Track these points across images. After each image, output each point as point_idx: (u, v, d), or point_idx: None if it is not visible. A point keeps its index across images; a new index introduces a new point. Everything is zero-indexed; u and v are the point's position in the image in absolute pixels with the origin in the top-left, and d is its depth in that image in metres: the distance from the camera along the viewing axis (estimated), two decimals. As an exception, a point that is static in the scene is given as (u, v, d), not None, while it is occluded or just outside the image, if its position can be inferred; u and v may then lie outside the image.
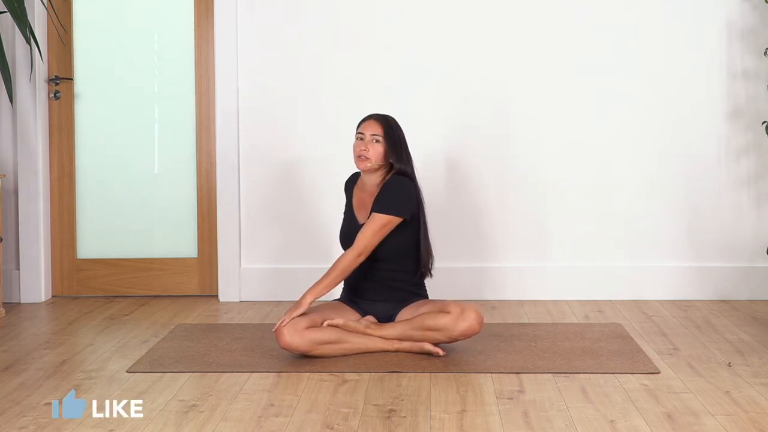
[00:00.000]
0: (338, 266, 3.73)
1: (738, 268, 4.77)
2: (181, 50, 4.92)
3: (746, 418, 2.92)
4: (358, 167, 3.84)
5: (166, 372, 3.48)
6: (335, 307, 3.80)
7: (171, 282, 4.96)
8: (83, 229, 4.98)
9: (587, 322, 4.28)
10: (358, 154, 3.80)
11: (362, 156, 3.79)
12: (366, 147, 3.79)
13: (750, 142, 4.75)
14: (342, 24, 4.80)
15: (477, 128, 4.78)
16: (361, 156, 3.79)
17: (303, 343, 3.57)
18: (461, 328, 3.61)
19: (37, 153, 4.84)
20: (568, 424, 2.89)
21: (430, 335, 3.65)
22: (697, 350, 3.75)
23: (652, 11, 4.74)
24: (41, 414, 3.01)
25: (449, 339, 3.64)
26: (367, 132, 3.81)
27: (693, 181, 4.77)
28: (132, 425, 2.91)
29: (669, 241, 4.79)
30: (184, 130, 4.93)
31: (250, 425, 2.90)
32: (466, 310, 3.63)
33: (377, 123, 3.82)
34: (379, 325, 3.73)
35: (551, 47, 4.76)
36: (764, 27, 4.70)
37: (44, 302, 4.85)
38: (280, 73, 4.82)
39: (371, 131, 3.80)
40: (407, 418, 2.96)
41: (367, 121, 3.85)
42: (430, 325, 3.63)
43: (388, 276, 3.82)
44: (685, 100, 4.75)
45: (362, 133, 3.81)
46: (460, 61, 4.77)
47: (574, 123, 4.78)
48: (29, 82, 4.77)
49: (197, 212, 4.93)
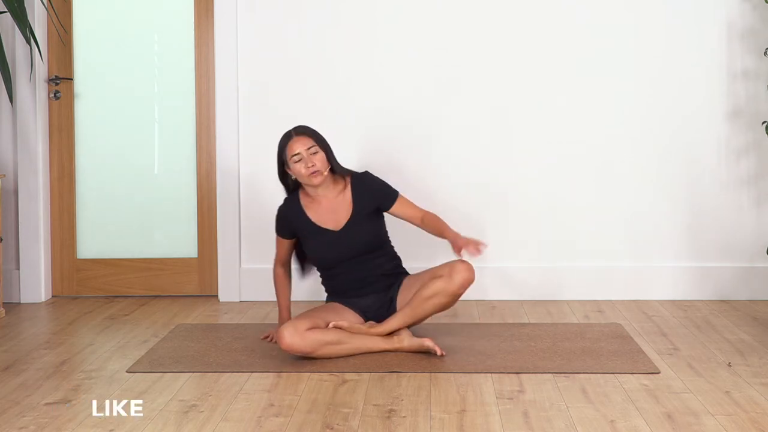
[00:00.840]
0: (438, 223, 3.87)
1: (738, 268, 4.77)
2: (181, 50, 4.92)
3: (746, 418, 2.92)
4: (313, 183, 3.80)
5: (166, 372, 3.48)
6: (334, 309, 3.81)
7: (171, 282, 4.96)
8: (83, 229, 4.98)
9: (587, 322, 4.28)
10: (308, 172, 3.77)
11: (314, 172, 3.77)
12: (312, 161, 3.77)
13: (750, 142, 4.75)
14: (342, 24, 4.80)
15: (477, 128, 4.78)
16: (313, 172, 3.77)
17: (305, 345, 3.57)
18: (457, 282, 3.68)
19: (37, 153, 4.84)
20: (568, 424, 2.89)
21: (434, 303, 3.71)
22: (697, 350, 3.75)
23: (652, 11, 4.74)
24: (41, 414, 3.02)
25: (452, 296, 3.71)
26: (301, 149, 3.78)
27: (693, 181, 4.77)
28: (132, 425, 2.91)
29: (669, 241, 4.79)
30: (184, 130, 4.93)
31: (250, 425, 2.90)
32: (454, 267, 3.70)
33: (305, 136, 3.82)
34: (381, 323, 3.74)
35: (551, 47, 4.75)
36: (764, 27, 4.70)
37: (44, 302, 4.85)
38: (280, 73, 4.82)
39: (305, 146, 3.79)
40: (407, 418, 2.96)
41: (293, 139, 3.81)
42: (429, 294, 3.69)
43: (378, 264, 3.89)
44: (685, 100, 4.75)
45: (298, 153, 3.78)
46: (460, 60, 4.76)
47: (573, 123, 4.78)
48: (29, 82, 4.77)
49: (197, 212, 4.93)
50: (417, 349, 3.69)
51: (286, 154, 3.82)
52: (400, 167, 4.71)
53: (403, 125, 4.79)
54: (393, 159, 4.75)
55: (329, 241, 3.85)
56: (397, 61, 4.79)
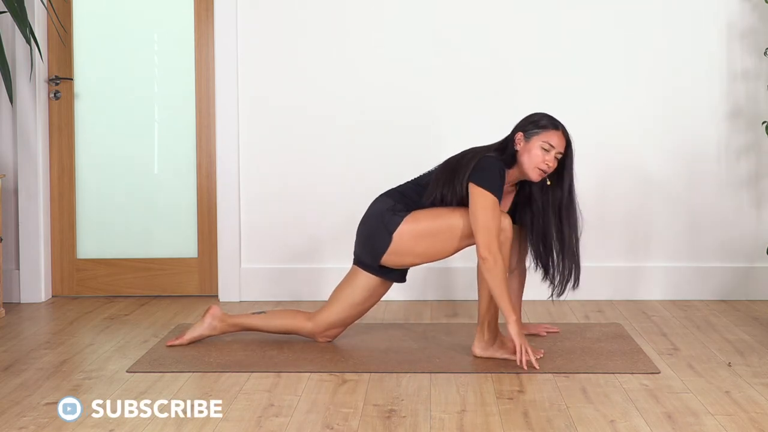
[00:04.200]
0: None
1: (738, 268, 4.77)
2: (181, 50, 4.92)
3: (746, 418, 2.92)
4: (533, 178, 3.55)
5: (166, 372, 3.48)
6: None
7: (171, 282, 4.96)
8: (83, 229, 4.98)
9: (587, 322, 4.28)
10: (543, 167, 3.53)
11: (544, 171, 3.54)
12: (553, 163, 3.53)
13: (750, 142, 4.75)
14: (343, 23, 4.79)
15: (476, 128, 4.77)
16: (544, 171, 3.54)
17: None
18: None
19: (37, 153, 4.84)
20: (568, 424, 2.89)
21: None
22: (697, 350, 3.75)
23: (651, 11, 4.74)
24: (41, 414, 3.01)
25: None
26: (557, 146, 3.54)
27: (693, 181, 4.77)
28: (132, 425, 2.91)
29: (669, 241, 4.79)
30: (185, 130, 4.93)
31: (250, 425, 2.90)
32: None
33: (565, 142, 3.58)
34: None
35: (550, 47, 4.75)
36: (764, 27, 4.70)
37: (44, 302, 4.85)
38: (280, 73, 4.82)
39: (560, 147, 3.55)
40: (407, 418, 2.96)
41: (559, 133, 3.57)
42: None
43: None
44: (685, 100, 4.75)
45: (550, 145, 3.54)
46: (460, 61, 4.76)
47: (573, 123, 4.76)
48: (29, 82, 4.77)
49: (197, 212, 4.93)
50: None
51: (542, 134, 3.56)
52: (401, 168, 4.70)
53: (403, 125, 4.79)
54: (394, 159, 4.75)
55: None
56: (397, 60, 4.78)
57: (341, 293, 3.79)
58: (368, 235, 3.68)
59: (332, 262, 4.80)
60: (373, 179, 4.64)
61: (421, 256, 3.63)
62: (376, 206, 3.71)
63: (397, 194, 3.72)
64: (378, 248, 3.64)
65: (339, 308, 3.77)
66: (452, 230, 3.56)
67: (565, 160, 3.62)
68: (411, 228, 3.59)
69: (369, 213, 3.73)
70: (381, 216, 3.65)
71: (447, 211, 3.60)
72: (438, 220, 3.58)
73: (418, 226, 3.59)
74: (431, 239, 3.58)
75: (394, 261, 3.66)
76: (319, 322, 3.79)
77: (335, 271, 4.55)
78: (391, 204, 3.67)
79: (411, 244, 3.60)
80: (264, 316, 3.87)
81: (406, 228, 3.59)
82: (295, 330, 3.84)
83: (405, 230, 3.59)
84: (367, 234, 3.69)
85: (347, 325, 3.83)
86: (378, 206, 3.70)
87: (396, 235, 3.60)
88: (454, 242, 3.59)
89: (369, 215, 3.72)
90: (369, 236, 3.68)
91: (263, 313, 3.89)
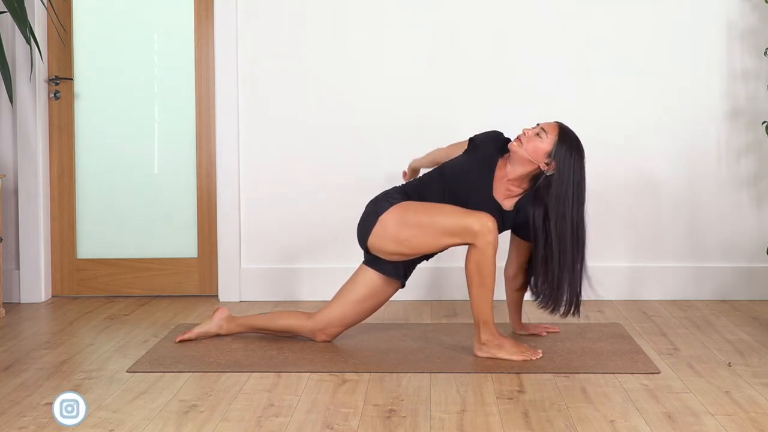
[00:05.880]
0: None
1: (738, 268, 4.77)
2: (181, 50, 4.92)
3: (746, 418, 2.92)
4: (510, 148, 3.66)
5: (166, 372, 3.48)
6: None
7: (171, 282, 4.96)
8: (83, 229, 4.98)
9: (587, 322, 4.28)
10: (519, 135, 3.65)
11: (519, 138, 3.63)
12: (528, 132, 3.63)
13: (750, 142, 4.75)
14: (344, 23, 4.79)
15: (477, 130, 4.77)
16: (519, 138, 3.64)
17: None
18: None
19: (37, 153, 4.84)
20: (568, 424, 2.89)
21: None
22: (697, 350, 3.75)
23: (651, 11, 4.73)
24: (41, 414, 3.01)
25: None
26: (541, 126, 3.65)
27: (693, 181, 4.77)
28: (132, 425, 2.91)
29: (669, 241, 4.79)
30: (184, 130, 4.93)
31: (250, 425, 2.90)
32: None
33: (555, 125, 3.67)
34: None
35: (550, 47, 4.76)
36: (764, 27, 4.70)
37: (44, 302, 4.85)
38: (280, 73, 4.82)
39: (544, 127, 3.65)
40: (407, 418, 2.96)
41: (549, 122, 3.70)
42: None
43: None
44: (685, 100, 4.75)
45: (538, 125, 3.67)
46: (462, 62, 4.77)
47: (573, 123, 4.77)
48: (29, 82, 4.77)
49: (197, 212, 4.93)
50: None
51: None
52: (401, 168, 4.70)
53: (403, 126, 4.79)
54: (394, 159, 4.75)
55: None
56: (397, 60, 4.78)
57: (343, 289, 3.86)
58: (362, 217, 3.78)
59: (332, 263, 4.80)
60: (374, 179, 4.65)
61: (403, 244, 3.65)
62: (379, 194, 3.84)
63: (399, 188, 3.84)
64: (366, 229, 3.72)
65: (339, 303, 3.83)
66: (438, 225, 3.60)
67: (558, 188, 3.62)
68: (398, 214, 3.66)
69: (370, 200, 3.85)
70: (376, 200, 3.77)
71: (439, 206, 3.66)
72: (427, 213, 3.64)
73: (406, 213, 3.66)
74: (415, 230, 3.62)
75: (378, 245, 3.69)
76: (319, 318, 3.84)
77: (335, 272, 4.55)
78: (390, 192, 3.80)
79: (395, 230, 3.65)
80: (267, 316, 3.95)
81: (393, 213, 3.67)
82: (297, 329, 3.88)
83: (392, 215, 3.66)
84: (362, 216, 3.79)
85: (347, 325, 3.84)
86: (379, 194, 3.83)
87: (383, 218, 3.67)
88: (437, 238, 3.62)
89: (369, 202, 3.83)
90: (362, 219, 3.78)
91: (267, 313, 3.99)
